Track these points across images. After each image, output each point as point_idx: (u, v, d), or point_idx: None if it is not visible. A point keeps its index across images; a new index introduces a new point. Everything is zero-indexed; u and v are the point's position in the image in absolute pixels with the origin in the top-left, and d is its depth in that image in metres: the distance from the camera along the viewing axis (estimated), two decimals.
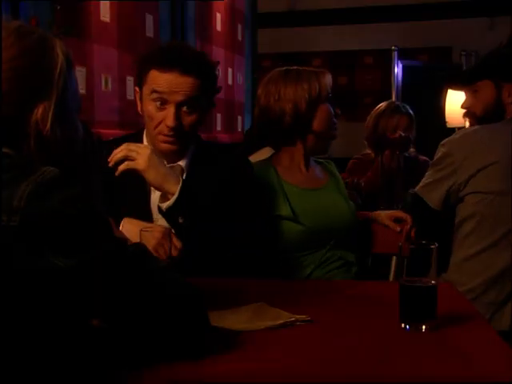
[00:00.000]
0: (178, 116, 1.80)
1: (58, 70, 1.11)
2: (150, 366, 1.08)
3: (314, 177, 2.22)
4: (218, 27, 4.71)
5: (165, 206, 1.68)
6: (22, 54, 1.07)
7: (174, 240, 1.64)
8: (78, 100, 1.19)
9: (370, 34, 6.66)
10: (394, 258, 2.27)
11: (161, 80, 1.79)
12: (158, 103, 1.80)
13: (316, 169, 2.25)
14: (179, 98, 1.79)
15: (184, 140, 1.86)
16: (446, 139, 2.30)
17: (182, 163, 1.87)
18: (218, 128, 4.75)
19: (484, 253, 2.17)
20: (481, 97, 2.33)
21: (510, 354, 1.16)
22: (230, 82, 4.97)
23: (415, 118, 3.47)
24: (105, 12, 3.12)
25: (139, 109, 1.89)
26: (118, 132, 3.19)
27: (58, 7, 2.68)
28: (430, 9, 6.46)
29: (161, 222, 1.74)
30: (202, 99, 1.83)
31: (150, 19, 3.61)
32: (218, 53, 4.67)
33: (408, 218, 2.25)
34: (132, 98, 2.00)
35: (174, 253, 1.62)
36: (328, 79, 2.16)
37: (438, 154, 2.28)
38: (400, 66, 5.94)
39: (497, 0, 6.12)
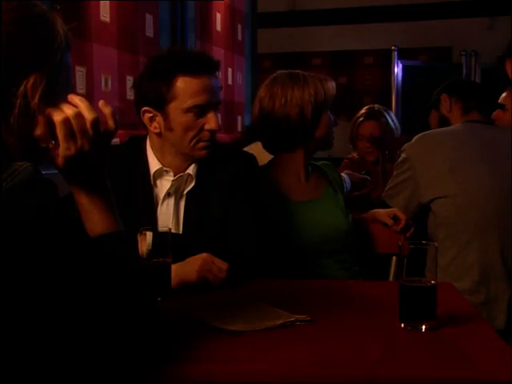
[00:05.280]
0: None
1: (56, 45, 1.07)
2: (150, 366, 1.08)
3: (311, 187, 2.18)
4: (218, 27, 4.71)
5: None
6: (22, 18, 1.04)
7: (219, 263, 1.64)
8: (71, 87, 1.15)
9: (370, 34, 6.66)
10: (394, 258, 2.27)
11: (195, 88, 1.76)
12: (196, 112, 1.78)
13: (314, 177, 2.21)
14: (214, 100, 1.80)
15: None
16: (406, 144, 2.37)
17: (191, 171, 1.84)
18: None
19: (461, 254, 2.19)
20: (432, 123, 2.55)
21: (509, 354, 1.16)
22: (230, 82, 4.97)
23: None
24: (105, 12, 3.12)
25: (159, 130, 1.81)
26: (119, 132, 3.19)
27: (58, 7, 2.68)
28: (430, 9, 6.45)
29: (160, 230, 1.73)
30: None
31: (149, 19, 3.61)
32: (218, 53, 4.67)
33: (403, 217, 2.26)
34: (132, 98, 1.97)
35: (222, 274, 1.63)
36: (332, 87, 2.12)
37: (399, 159, 2.37)
38: (400, 65, 5.93)
39: (497, 0, 6.12)
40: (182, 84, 1.76)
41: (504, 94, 3.12)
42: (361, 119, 3.47)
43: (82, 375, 0.99)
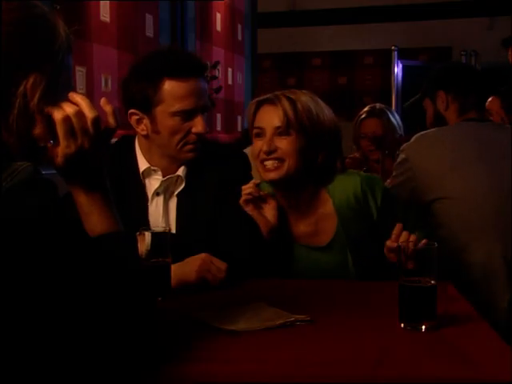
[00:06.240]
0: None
1: (57, 46, 1.07)
2: (149, 366, 1.08)
3: (316, 229, 1.97)
4: (218, 27, 4.71)
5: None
6: (22, 19, 1.04)
7: (217, 263, 1.64)
8: (71, 88, 1.14)
9: (370, 34, 6.67)
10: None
11: (182, 92, 1.75)
12: (183, 116, 1.77)
13: (322, 216, 1.96)
14: (202, 103, 1.78)
15: None
16: (405, 144, 2.36)
17: (180, 172, 1.84)
18: (218, 128, 4.75)
19: (460, 256, 2.18)
20: (427, 114, 2.49)
21: (509, 354, 1.16)
22: (230, 82, 4.98)
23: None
24: (105, 12, 3.13)
25: (146, 132, 1.81)
26: (118, 132, 3.19)
27: (58, 7, 2.68)
28: (430, 9, 6.46)
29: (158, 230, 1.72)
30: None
31: (149, 19, 3.61)
32: (218, 53, 4.67)
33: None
34: None
35: (221, 274, 1.63)
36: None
37: (398, 159, 2.36)
38: (400, 66, 5.93)
39: (497, 0, 6.12)
40: (169, 88, 1.75)
41: (490, 99, 3.12)
42: (362, 116, 3.46)
43: (82, 375, 0.99)
